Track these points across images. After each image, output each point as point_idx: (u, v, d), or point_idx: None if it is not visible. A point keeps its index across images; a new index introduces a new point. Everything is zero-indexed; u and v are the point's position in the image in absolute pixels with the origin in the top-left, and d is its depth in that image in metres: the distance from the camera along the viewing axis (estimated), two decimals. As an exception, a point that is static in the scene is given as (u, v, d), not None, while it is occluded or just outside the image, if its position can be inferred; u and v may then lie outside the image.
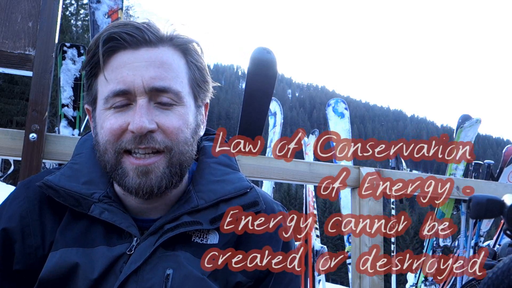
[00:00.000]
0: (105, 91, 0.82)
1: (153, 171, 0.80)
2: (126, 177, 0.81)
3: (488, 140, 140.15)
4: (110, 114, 0.82)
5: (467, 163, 2.96)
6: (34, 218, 0.86)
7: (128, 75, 0.80)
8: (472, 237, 2.84)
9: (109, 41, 0.81)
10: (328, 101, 3.62)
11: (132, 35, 0.81)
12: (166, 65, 0.82)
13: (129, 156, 0.80)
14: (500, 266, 0.79)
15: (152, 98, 0.81)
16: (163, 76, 0.81)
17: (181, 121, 0.82)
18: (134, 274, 0.79)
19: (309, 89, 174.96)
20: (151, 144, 0.80)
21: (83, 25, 27.79)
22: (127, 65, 0.81)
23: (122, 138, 0.80)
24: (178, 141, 0.82)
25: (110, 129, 0.81)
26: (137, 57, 0.81)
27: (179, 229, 0.82)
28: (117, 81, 0.80)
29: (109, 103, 0.82)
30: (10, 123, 21.47)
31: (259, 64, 1.96)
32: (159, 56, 0.82)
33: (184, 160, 0.84)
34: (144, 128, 0.78)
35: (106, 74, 0.82)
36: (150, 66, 0.81)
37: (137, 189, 0.80)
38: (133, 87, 0.80)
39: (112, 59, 0.82)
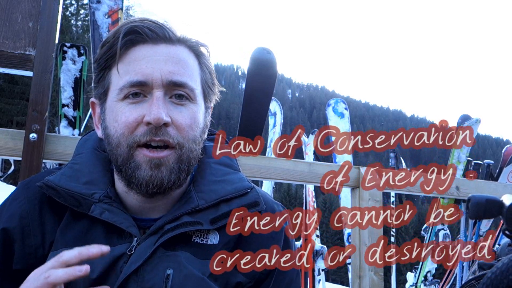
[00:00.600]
0: (120, 82, 0.82)
1: (164, 164, 0.81)
2: (139, 169, 0.81)
3: (487, 140, 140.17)
4: (124, 106, 0.82)
5: (467, 162, 2.96)
6: (34, 218, 0.86)
7: (147, 67, 0.81)
8: (471, 237, 2.84)
9: (130, 34, 0.82)
10: (328, 101, 3.62)
11: (153, 30, 0.83)
12: (183, 62, 0.84)
13: (142, 149, 0.81)
14: (499, 266, 0.79)
15: (167, 93, 0.82)
16: (181, 71, 0.83)
17: (192, 119, 0.84)
18: (134, 274, 0.79)
19: (309, 89, 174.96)
20: (166, 137, 0.80)
21: (83, 25, 27.78)
22: (146, 58, 0.82)
23: (136, 132, 0.81)
24: (189, 138, 0.83)
25: (126, 122, 0.81)
26: (157, 52, 0.83)
27: (179, 229, 0.82)
28: (135, 72, 0.81)
29: (123, 93, 0.82)
30: (10, 123, 21.47)
31: (259, 64, 1.96)
32: (177, 53, 0.84)
33: (192, 158, 0.85)
34: (161, 120, 0.79)
35: (123, 66, 0.83)
36: (169, 61, 0.83)
37: (147, 181, 0.81)
38: (151, 79, 0.81)
39: (130, 52, 0.83)
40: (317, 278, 3.41)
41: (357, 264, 1.95)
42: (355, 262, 1.97)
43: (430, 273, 3.09)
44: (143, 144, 0.81)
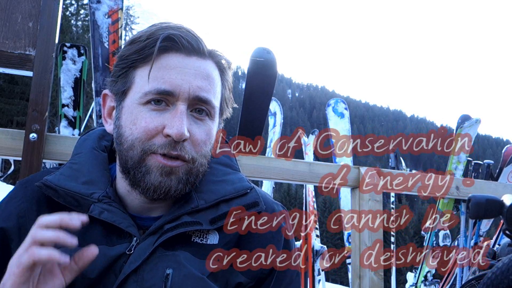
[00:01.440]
0: (146, 86, 0.82)
1: (175, 173, 0.82)
2: (149, 174, 0.81)
3: (487, 140, 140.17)
4: (146, 112, 0.82)
5: (467, 163, 2.96)
6: (32, 217, 0.85)
7: (176, 78, 0.81)
8: (471, 237, 2.84)
9: (166, 40, 0.82)
10: (328, 101, 3.62)
11: (190, 41, 0.83)
12: (210, 78, 0.85)
13: (156, 155, 0.81)
14: (500, 266, 0.79)
15: (189, 106, 0.83)
16: (208, 88, 0.84)
17: (208, 135, 0.85)
18: (133, 273, 0.79)
19: (309, 89, 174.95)
20: (182, 152, 0.81)
21: (83, 25, 27.79)
22: (177, 68, 0.82)
23: (153, 140, 0.81)
24: (202, 153, 0.84)
25: (145, 128, 0.81)
26: (188, 64, 0.83)
27: (179, 229, 0.82)
28: (164, 80, 0.81)
29: (147, 98, 0.81)
30: (10, 123, 21.48)
31: (259, 64, 1.96)
32: (206, 68, 0.85)
33: (200, 172, 0.86)
34: (183, 135, 0.79)
35: (152, 71, 0.82)
36: (198, 75, 0.83)
37: (156, 187, 0.81)
38: (178, 91, 0.81)
39: (161, 58, 0.83)
40: (317, 278, 3.41)
41: (357, 264, 1.95)
42: (355, 262, 1.97)
43: (430, 273, 3.09)
44: (159, 154, 0.81)
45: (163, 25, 0.85)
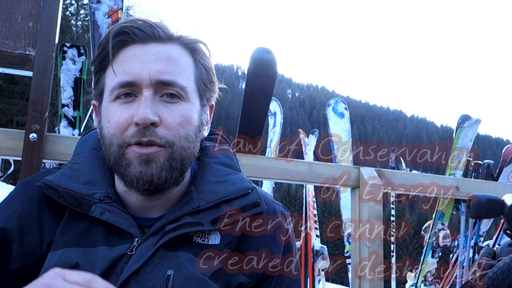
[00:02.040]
0: (111, 83, 0.83)
1: (154, 161, 0.81)
2: (130, 166, 0.81)
3: (487, 140, 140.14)
4: (116, 107, 0.82)
5: (467, 163, 2.96)
6: (33, 217, 0.86)
7: (135, 67, 0.81)
8: (471, 237, 2.84)
9: (119, 35, 0.83)
10: (328, 101, 3.61)
11: (142, 30, 0.83)
12: (173, 60, 0.84)
13: (132, 146, 0.81)
14: (500, 265, 0.79)
15: (158, 92, 0.82)
16: (170, 70, 0.82)
17: (183, 117, 0.83)
18: (135, 274, 0.79)
19: (309, 89, 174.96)
20: (153, 137, 0.80)
21: (83, 25, 27.79)
22: (135, 58, 0.82)
23: (126, 132, 0.81)
24: (180, 136, 0.83)
25: (117, 123, 0.81)
26: (146, 51, 0.83)
27: (180, 230, 0.82)
28: (125, 73, 0.82)
29: (114, 94, 0.83)
30: (10, 123, 21.48)
31: (259, 64, 1.96)
32: (167, 52, 0.84)
33: (185, 156, 0.84)
34: (147, 119, 0.78)
35: (114, 67, 0.83)
36: (158, 60, 0.82)
37: (138, 177, 0.81)
38: (139, 79, 0.81)
39: (121, 53, 0.84)
40: (317, 278, 3.40)
41: (357, 264, 1.95)
42: (355, 262, 1.97)
43: (430, 273, 3.09)
44: (133, 144, 0.81)
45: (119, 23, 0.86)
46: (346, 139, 3.47)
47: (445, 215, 2.95)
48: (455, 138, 2.88)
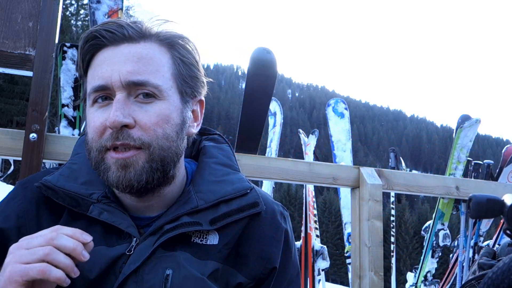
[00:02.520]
0: (88, 88, 0.83)
1: (131, 165, 0.79)
2: (108, 171, 0.80)
3: (487, 140, 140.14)
4: (94, 112, 0.82)
5: (467, 163, 2.96)
6: (31, 218, 0.86)
7: (106, 70, 0.80)
8: (471, 237, 2.84)
9: (91, 40, 0.82)
10: (328, 101, 3.62)
11: (112, 31, 0.82)
12: (145, 59, 0.82)
13: (110, 152, 0.80)
14: (500, 265, 0.79)
15: (131, 93, 0.80)
16: (141, 70, 0.81)
17: (160, 116, 0.81)
18: (133, 274, 0.79)
19: (309, 89, 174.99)
20: (127, 140, 0.79)
21: (83, 25, 27.81)
22: (106, 61, 0.81)
23: (103, 136, 0.80)
24: (157, 136, 0.81)
25: (94, 127, 0.81)
26: (117, 53, 0.81)
27: (178, 229, 0.82)
28: (98, 77, 0.81)
29: (91, 99, 0.82)
30: (10, 123, 21.50)
31: (259, 64, 1.96)
32: (138, 51, 0.82)
33: (166, 156, 0.82)
34: (117, 122, 0.77)
35: (89, 72, 0.83)
36: (128, 61, 0.81)
37: (117, 182, 0.80)
38: (110, 82, 0.80)
39: (95, 57, 0.83)
40: (317, 278, 3.40)
41: (357, 264, 1.95)
42: (355, 262, 1.97)
43: (430, 273, 3.09)
44: (110, 147, 0.80)
45: (93, 26, 0.86)
46: (346, 139, 3.47)
47: (445, 215, 2.95)
48: (455, 138, 2.88)
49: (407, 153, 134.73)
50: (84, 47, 0.83)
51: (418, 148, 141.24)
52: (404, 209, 40.09)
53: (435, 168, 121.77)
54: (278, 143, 3.52)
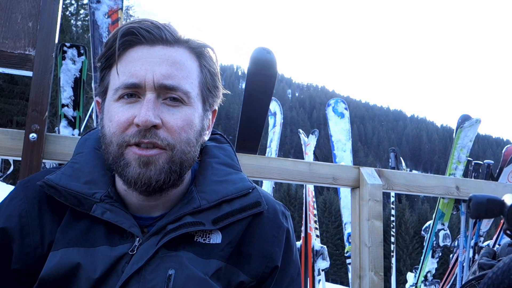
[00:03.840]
0: (116, 83, 0.83)
1: (153, 163, 0.81)
2: (128, 167, 0.81)
3: (487, 140, 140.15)
4: (119, 107, 0.82)
5: (467, 163, 2.96)
6: (33, 217, 0.86)
7: (141, 69, 0.81)
8: (472, 237, 2.84)
9: (127, 35, 0.83)
10: (328, 101, 3.62)
11: (150, 31, 0.83)
12: (178, 64, 0.84)
13: (132, 147, 0.81)
14: (501, 266, 0.79)
15: (161, 95, 0.82)
16: (174, 74, 0.82)
17: (185, 121, 0.83)
18: (136, 274, 0.79)
19: (309, 89, 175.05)
20: (154, 139, 0.80)
21: (83, 25, 27.82)
22: (141, 59, 0.82)
23: (127, 132, 0.81)
24: (181, 140, 0.83)
25: (118, 122, 0.81)
26: (152, 53, 0.83)
27: (181, 229, 0.82)
28: (130, 74, 0.82)
29: (118, 94, 0.83)
30: (10, 123, 21.51)
31: (259, 64, 1.96)
32: (173, 55, 0.84)
33: (185, 160, 0.84)
34: (149, 122, 0.79)
35: (119, 67, 0.83)
36: (163, 63, 0.82)
37: (136, 179, 0.80)
38: (144, 82, 0.81)
39: (127, 53, 0.84)
40: (317, 278, 3.40)
41: (357, 264, 1.95)
42: (355, 262, 1.97)
43: (430, 273, 3.09)
44: (133, 144, 0.81)
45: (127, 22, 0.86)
46: (346, 139, 3.47)
47: (445, 215, 2.95)
48: (455, 138, 2.88)
49: (407, 153, 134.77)
50: (119, 41, 0.83)
51: (418, 148, 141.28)
52: (404, 209, 40.10)
53: (435, 168, 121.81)
54: (278, 143, 3.52)
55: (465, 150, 2.87)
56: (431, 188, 2.20)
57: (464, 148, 2.86)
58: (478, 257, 1.35)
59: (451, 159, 2.89)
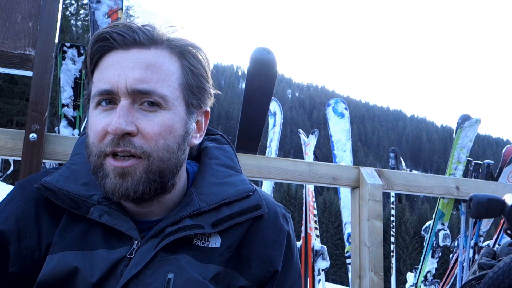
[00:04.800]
0: (94, 90, 0.81)
1: (129, 174, 0.78)
2: (106, 178, 0.79)
3: (487, 140, 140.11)
4: (96, 115, 0.80)
5: (467, 163, 2.96)
6: (30, 219, 0.85)
7: (114, 75, 0.78)
8: (471, 237, 2.84)
9: (101, 41, 0.80)
10: (328, 101, 3.62)
11: (123, 35, 0.80)
12: (154, 67, 0.79)
13: (109, 158, 0.78)
14: (501, 265, 0.78)
15: (136, 100, 0.79)
16: (148, 78, 0.79)
17: (163, 127, 0.79)
18: (135, 278, 0.78)
19: (309, 89, 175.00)
20: (128, 147, 0.77)
21: (83, 25, 27.83)
22: (115, 65, 0.79)
23: (104, 141, 0.78)
24: (158, 147, 0.79)
25: (95, 131, 0.79)
26: (126, 58, 0.79)
27: (180, 232, 0.81)
28: (104, 80, 0.79)
29: (95, 101, 0.80)
30: (10, 123, 21.51)
31: (259, 64, 1.96)
32: (148, 58, 0.80)
33: (164, 168, 0.80)
34: (119, 130, 0.75)
35: (96, 74, 0.81)
36: (136, 67, 0.78)
37: (113, 190, 0.78)
38: (116, 88, 0.78)
39: (103, 59, 0.81)
40: (317, 278, 3.40)
41: (357, 264, 1.95)
42: (355, 262, 1.97)
43: (430, 273, 3.09)
44: (110, 153, 0.78)
45: (104, 27, 0.84)
46: (346, 139, 3.47)
47: (445, 215, 2.95)
48: (455, 138, 2.88)
49: (407, 153, 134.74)
50: (93, 48, 0.81)
51: (418, 148, 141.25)
52: (404, 209, 40.08)
53: (435, 168, 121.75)
54: (278, 143, 3.52)
55: (465, 150, 2.87)
56: (431, 188, 2.20)
57: (464, 148, 2.86)
58: (478, 257, 1.35)
59: (451, 159, 2.89)
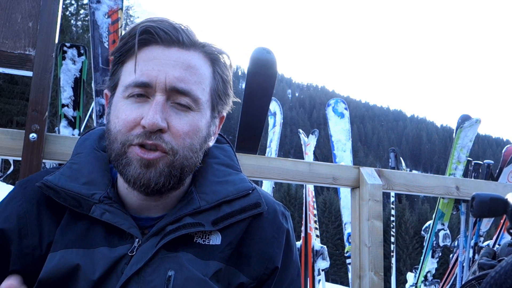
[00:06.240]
0: (127, 80, 0.82)
1: (154, 165, 0.80)
2: (129, 166, 0.80)
3: (487, 140, 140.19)
4: (127, 105, 0.82)
5: (467, 163, 2.96)
6: (32, 218, 0.85)
7: (153, 69, 0.81)
8: (471, 237, 2.84)
9: (144, 33, 0.82)
10: (328, 101, 3.62)
11: (167, 32, 0.82)
12: (193, 69, 0.83)
13: (135, 147, 0.80)
14: (503, 265, 0.78)
15: (170, 98, 0.81)
16: (187, 79, 0.82)
17: (191, 126, 0.82)
18: (135, 275, 0.79)
19: (309, 89, 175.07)
20: (158, 141, 0.79)
21: (83, 25, 27.84)
22: (155, 60, 0.81)
23: (132, 132, 0.80)
24: (184, 145, 0.82)
25: (124, 120, 0.81)
26: (167, 55, 0.82)
27: (181, 230, 0.82)
28: (142, 73, 0.81)
29: (128, 91, 0.82)
30: (10, 123, 21.53)
31: (259, 64, 1.96)
32: (188, 59, 0.83)
33: (186, 165, 0.83)
34: (155, 125, 0.78)
35: (130, 64, 0.83)
36: (177, 66, 0.81)
37: (136, 179, 0.80)
38: (155, 82, 0.80)
39: (142, 51, 0.83)
40: (317, 278, 3.40)
41: (357, 264, 1.95)
42: (355, 262, 1.97)
43: (430, 273, 3.09)
44: (137, 144, 0.80)
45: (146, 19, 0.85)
46: (346, 139, 3.47)
47: (445, 215, 2.95)
48: (455, 138, 2.88)
49: (407, 153, 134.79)
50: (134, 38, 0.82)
51: (418, 148, 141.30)
52: (404, 209, 40.10)
53: (435, 168, 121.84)
54: (278, 143, 3.52)
55: (465, 150, 2.87)
56: (431, 188, 2.20)
57: (464, 148, 2.86)
58: (478, 257, 1.35)
59: (451, 159, 2.89)
